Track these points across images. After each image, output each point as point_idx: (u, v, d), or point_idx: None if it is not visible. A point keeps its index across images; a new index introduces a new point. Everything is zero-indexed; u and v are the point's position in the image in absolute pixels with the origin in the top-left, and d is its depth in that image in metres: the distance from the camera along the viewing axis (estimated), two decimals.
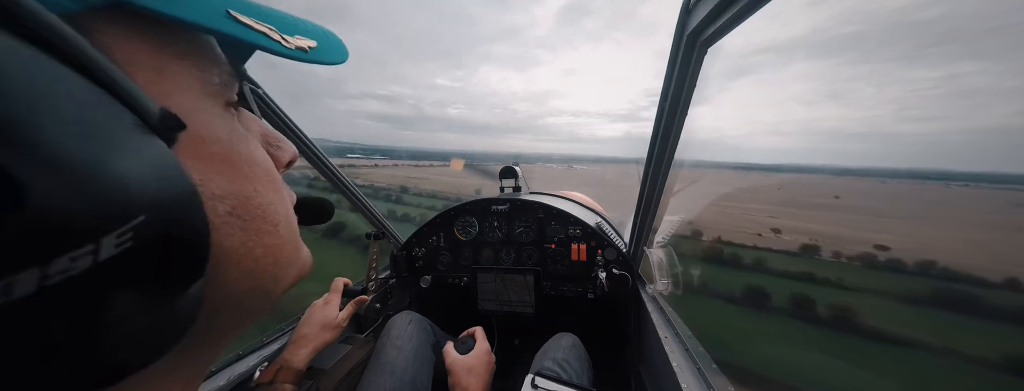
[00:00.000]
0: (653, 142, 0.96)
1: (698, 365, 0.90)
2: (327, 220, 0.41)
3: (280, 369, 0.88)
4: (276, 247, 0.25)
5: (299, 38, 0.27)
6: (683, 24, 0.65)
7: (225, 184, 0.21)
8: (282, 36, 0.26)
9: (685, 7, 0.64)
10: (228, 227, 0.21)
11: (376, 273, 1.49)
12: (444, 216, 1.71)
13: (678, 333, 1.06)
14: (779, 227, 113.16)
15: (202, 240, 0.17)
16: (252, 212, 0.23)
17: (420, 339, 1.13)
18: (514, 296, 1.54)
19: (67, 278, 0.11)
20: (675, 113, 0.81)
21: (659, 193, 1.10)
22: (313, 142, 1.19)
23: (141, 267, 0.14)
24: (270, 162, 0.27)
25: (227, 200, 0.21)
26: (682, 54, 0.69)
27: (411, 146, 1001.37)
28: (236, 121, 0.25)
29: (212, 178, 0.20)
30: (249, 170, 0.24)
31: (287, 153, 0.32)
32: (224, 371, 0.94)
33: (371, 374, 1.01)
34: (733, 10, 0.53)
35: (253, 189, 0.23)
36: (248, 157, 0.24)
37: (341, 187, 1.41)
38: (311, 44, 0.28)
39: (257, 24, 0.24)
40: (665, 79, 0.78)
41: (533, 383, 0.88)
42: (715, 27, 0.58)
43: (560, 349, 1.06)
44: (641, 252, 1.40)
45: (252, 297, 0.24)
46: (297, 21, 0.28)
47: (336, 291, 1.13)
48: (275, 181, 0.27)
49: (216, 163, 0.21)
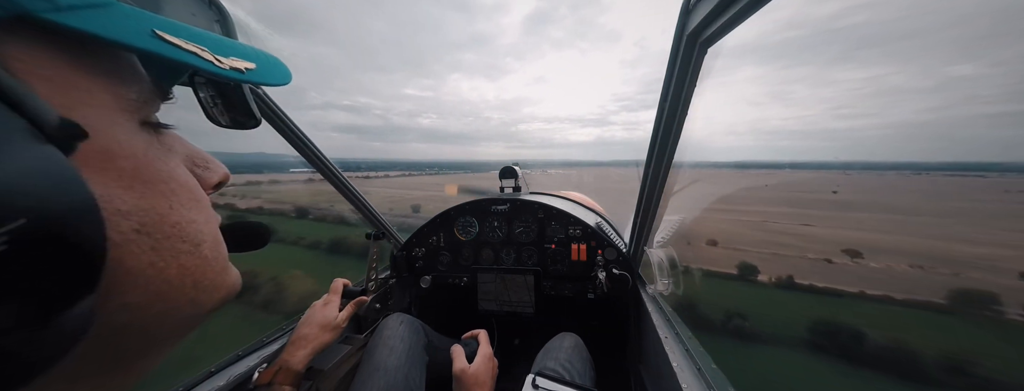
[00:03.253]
0: (653, 142, 0.96)
1: (698, 365, 0.90)
2: (261, 246, 0.40)
3: (279, 371, 0.88)
4: (196, 268, 0.24)
5: (234, 60, 0.27)
6: (683, 24, 0.65)
7: (133, 200, 0.21)
8: (215, 56, 0.26)
9: (685, 7, 0.64)
10: (134, 245, 0.20)
11: (376, 273, 1.49)
12: (444, 216, 1.71)
13: (678, 333, 1.06)
14: (853, 246, 78.54)
15: (95, 254, 0.16)
16: (165, 231, 0.22)
17: (412, 340, 1.14)
18: (514, 296, 1.54)
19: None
20: (675, 113, 0.81)
21: (659, 193, 1.10)
22: (313, 142, 1.19)
23: (15, 274, 0.13)
24: (192, 181, 0.27)
25: (134, 217, 0.20)
26: (682, 54, 0.69)
27: (380, 157, 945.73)
28: (155, 138, 0.25)
29: (118, 193, 0.20)
30: (166, 187, 0.23)
31: (216, 174, 0.32)
32: (224, 371, 0.94)
33: (364, 374, 1.01)
34: (733, 10, 0.53)
35: (168, 206, 0.23)
36: (165, 175, 0.24)
37: (341, 187, 1.41)
38: (248, 65, 0.28)
39: (186, 44, 0.24)
40: (665, 79, 0.78)
41: (534, 383, 0.88)
42: (715, 27, 0.58)
43: (562, 349, 1.06)
44: (641, 252, 1.40)
45: (165, 321, 0.23)
46: (232, 44, 0.28)
47: (336, 292, 1.13)
48: (197, 201, 0.26)
49: (124, 179, 0.20)
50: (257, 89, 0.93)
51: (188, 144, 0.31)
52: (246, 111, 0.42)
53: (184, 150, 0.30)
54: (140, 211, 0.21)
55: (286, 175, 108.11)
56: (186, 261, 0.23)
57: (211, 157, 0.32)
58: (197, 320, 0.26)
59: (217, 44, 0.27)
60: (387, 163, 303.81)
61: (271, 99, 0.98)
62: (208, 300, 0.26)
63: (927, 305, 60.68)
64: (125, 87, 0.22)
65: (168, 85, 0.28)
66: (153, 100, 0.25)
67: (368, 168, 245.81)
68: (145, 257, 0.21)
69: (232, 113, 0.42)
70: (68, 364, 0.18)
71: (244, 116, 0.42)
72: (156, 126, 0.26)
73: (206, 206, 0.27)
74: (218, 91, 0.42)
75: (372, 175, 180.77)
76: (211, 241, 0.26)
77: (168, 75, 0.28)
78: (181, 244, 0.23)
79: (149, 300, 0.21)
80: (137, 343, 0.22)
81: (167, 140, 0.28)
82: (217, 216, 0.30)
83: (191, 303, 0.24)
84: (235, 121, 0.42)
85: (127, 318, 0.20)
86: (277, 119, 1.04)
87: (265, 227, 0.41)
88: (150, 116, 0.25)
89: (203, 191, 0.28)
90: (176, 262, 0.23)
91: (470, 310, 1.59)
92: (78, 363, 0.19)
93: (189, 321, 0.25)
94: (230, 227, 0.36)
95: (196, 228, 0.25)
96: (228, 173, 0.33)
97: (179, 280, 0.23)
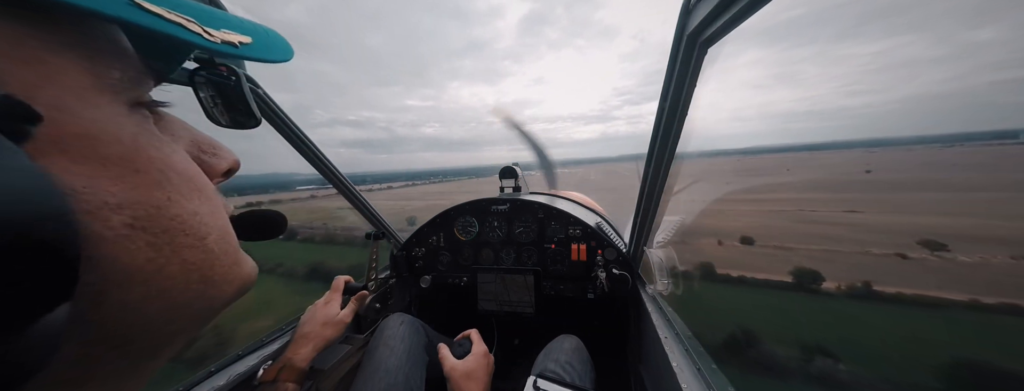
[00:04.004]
0: (653, 142, 0.96)
1: (698, 365, 0.90)
2: (276, 235, 0.39)
3: (283, 368, 0.88)
4: (202, 262, 0.23)
5: (227, 33, 0.25)
6: (683, 24, 0.65)
7: (125, 192, 0.19)
8: (204, 29, 0.23)
9: (685, 7, 0.63)
10: (128, 241, 0.18)
11: (376, 273, 1.49)
12: (444, 216, 1.71)
13: (678, 333, 1.06)
14: (927, 235, 58.06)
15: (61, 256, 0.14)
16: (164, 224, 0.20)
17: (413, 340, 1.14)
18: (514, 296, 1.53)
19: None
20: (675, 113, 0.81)
21: (659, 193, 1.10)
22: (314, 143, 1.19)
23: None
24: (196, 169, 0.25)
25: (126, 210, 0.19)
26: (682, 54, 0.69)
27: (386, 169, 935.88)
28: (149, 123, 0.23)
29: (105, 184, 0.18)
30: (162, 177, 0.21)
31: (225, 161, 0.30)
32: (224, 371, 0.94)
33: (364, 374, 1.01)
34: (733, 10, 0.53)
35: (167, 198, 0.21)
36: (162, 162, 0.22)
37: (341, 188, 1.41)
38: (244, 39, 0.26)
39: (170, 14, 0.21)
40: (665, 79, 0.78)
41: (535, 385, 0.88)
42: (715, 27, 0.58)
43: (563, 351, 1.06)
44: (641, 252, 1.40)
45: (173, 318, 0.22)
46: (224, 15, 0.26)
47: (337, 289, 1.14)
48: (201, 190, 0.24)
49: (110, 167, 0.18)
50: (257, 89, 0.93)
51: (192, 129, 0.29)
52: (246, 111, 0.42)
53: (188, 136, 0.28)
54: (132, 204, 0.19)
55: (288, 193, 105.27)
56: (190, 256, 0.22)
57: (219, 143, 0.30)
58: (211, 314, 0.25)
59: (206, 15, 0.24)
60: (391, 174, 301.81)
61: (272, 99, 0.98)
62: (220, 294, 0.24)
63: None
64: (106, 64, 0.20)
65: (163, 66, 0.26)
66: (143, 80, 0.22)
67: (373, 180, 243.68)
68: (142, 253, 0.19)
69: (232, 113, 0.42)
70: (69, 369, 0.18)
71: (244, 116, 0.42)
72: (150, 108, 0.24)
73: (211, 196, 0.25)
74: (218, 90, 0.42)
75: (376, 187, 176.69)
76: (218, 233, 0.24)
77: (160, 53, 0.26)
78: (183, 238, 0.21)
79: (152, 298, 0.20)
80: (143, 341, 0.21)
81: (167, 125, 0.26)
82: (226, 205, 0.28)
83: (201, 298, 0.23)
84: (235, 121, 0.42)
85: (130, 317, 0.19)
86: (278, 119, 1.04)
87: (280, 215, 0.40)
88: (141, 97, 0.22)
89: (208, 179, 0.26)
90: (178, 257, 0.21)
91: (470, 310, 1.59)
92: (82, 366, 0.18)
93: (201, 316, 0.24)
94: (243, 216, 0.35)
95: (199, 220, 0.23)
96: (238, 160, 0.31)
97: (183, 276, 0.21)
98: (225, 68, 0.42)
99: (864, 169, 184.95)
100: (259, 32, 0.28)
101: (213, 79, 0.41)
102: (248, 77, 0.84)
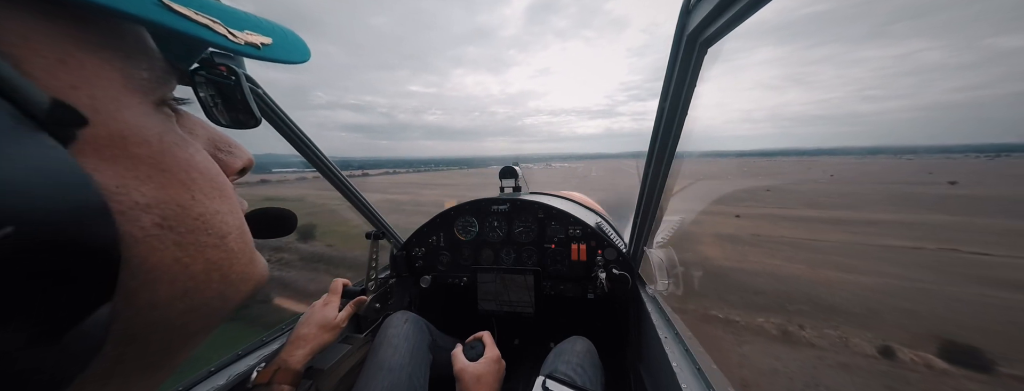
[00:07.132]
0: (653, 142, 0.96)
1: (698, 365, 0.90)
2: (288, 232, 0.39)
3: (277, 370, 0.88)
4: (223, 261, 0.23)
5: (250, 34, 0.25)
6: (683, 24, 0.65)
7: (153, 192, 0.19)
8: (229, 30, 0.24)
9: (685, 7, 0.63)
10: (156, 241, 0.19)
11: (376, 273, 1.49)
12: (444, 216, 1.71)
13: (678, 333, 1.06)
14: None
15: (106, 258, 0.14)
16: (189, 224, 0.21)
17: (417, 338, 1.13)
18: (514, 296, 1.53)
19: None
20: (675, 113, 0.81)
21: (659, 193, 1.10)
22: (314, 143, 1.19)
23: (10, 290, 0.12)
24: (215, 168, 0.25)
25: (155, 210, 0.19)
26: (682, 54, 0.69)
27: (388, 156, 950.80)
28: (173, 122, 0.23)
29: (135, 185, 0.18)
30: (186, 176, 0.21)
31: (240, 159, 0.30)
32: (224, 371, 0.94)
33: (368, 372, 1.01)
34: (733, 10, 0.53)
35: (191, 197, 0.21)
36: (186, 162, 0.22)
37: (341, 187, 1.41)
38: (265, 41, 0.26)
39: (197, 15, 0.21)
40: (665, 79, 0.78)
41: (544, 385, 0.87)
42: (715, 27, 0.58)
43: (574, 354, 1.05)
44: (641, 252, 1.40)
45: (194, 317, 0.22)
46: (247, 16, 0.26)
47: (335, 292, 1.13)
48: (222, 189, 0.24)
49: (142, 167, 0.19)
50: (257, 88, 0.93)
51: (210, 127, 0.29)
52: (247, 110, 0.42)
53: (206, 134, 0.28)
54: (161, 203, 0.19)
55: (273, 174, 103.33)
56: (212, 255, 0.22)
57: (234, 141, 0.30)
58: (226, 313, 0.25)
59: (231, 16, 0.24)
60: (392, 161, 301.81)
61: (271, 99, 0.98)
62: (236, 293, 0.25)
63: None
64: (134, 64, 0.20)
65: (184, 65, 0.26)
66: (168, 79, 0.23)
67: (371, 166, 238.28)
68: (169, 253, 0.19)
69: (233, 112, 0.42)
70: (95, 368, 0.18)
71: (245, 115, 0.42)
72: (173, 108, 0.24)
73: (230, 195, 0.26)
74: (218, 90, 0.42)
75: (371, 172, 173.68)
76: (237, 232, 0.25)
77: (182, 53, 0.26)
78: (206, 237, 0.22)
79: (176, 297, 0.20)
80: (166, 340, 0.21)
81: (187, 123, 0.26)
82: (243, 204, 0.28)
83: (219, 297, 0.23)
84: (236, 120, 0.42)
85: (155, 316, 0.19)
86: (278, 119, 1.04)
87: (291, 213, 0.40)
88: (166, 96, 0.23)
89: (226, 178, 0.26)
90: (202, 256, 0.21)
91: (470, 310, 1.59)
92: (108, 365, 0.18)
93: (217, 315, 0.24)
94: (254, 214, 0.35)
95: (221, 219, 0.23)
96: (252, 158, 0.32)
97: (206, 275, 0.22)
98: (225, 68, 0.42)
99: (948, 180, 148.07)
100: (278, 33, 0.28)
101: (213, 79, 0.41)
102: (248, 77, 0.84)
